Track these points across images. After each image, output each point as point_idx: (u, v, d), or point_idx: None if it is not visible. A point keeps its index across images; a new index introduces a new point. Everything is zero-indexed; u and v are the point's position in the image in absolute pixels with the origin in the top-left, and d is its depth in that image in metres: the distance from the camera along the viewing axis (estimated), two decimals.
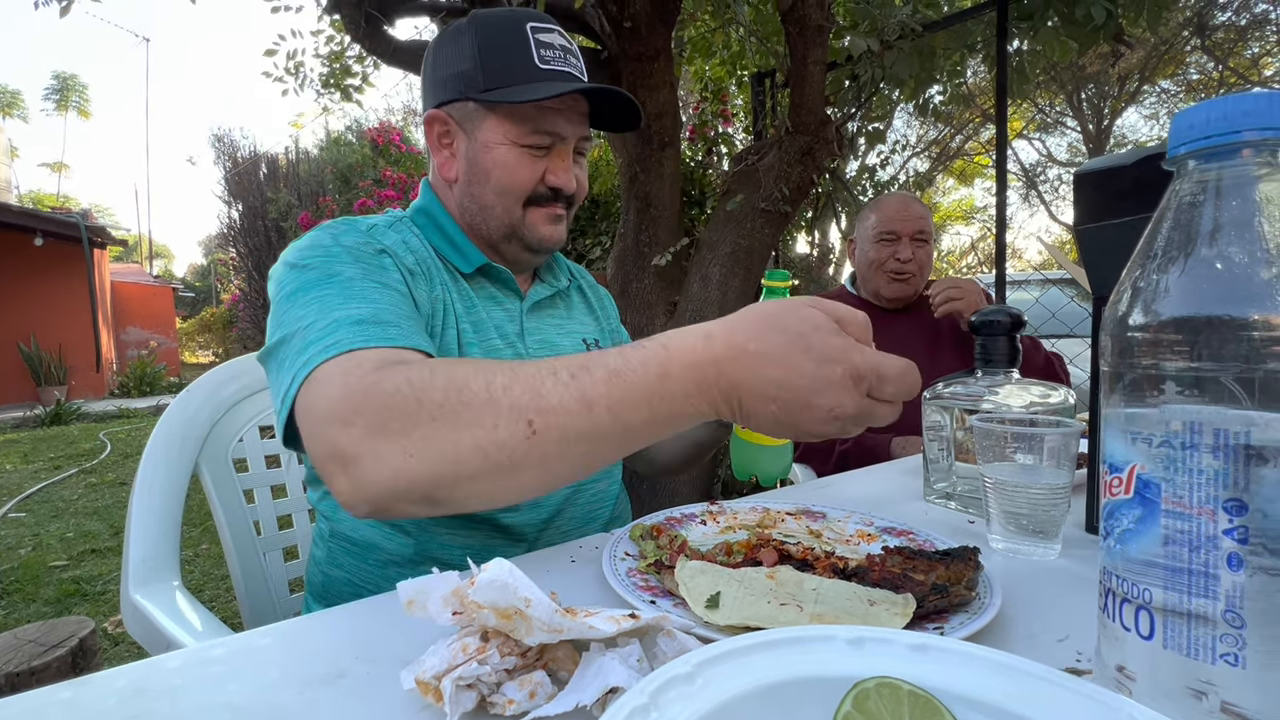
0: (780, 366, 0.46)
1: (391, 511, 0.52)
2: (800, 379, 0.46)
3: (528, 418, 0.49)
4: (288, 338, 0.61)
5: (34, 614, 2.35)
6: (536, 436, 0.49)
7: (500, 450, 0.49)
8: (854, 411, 0.46)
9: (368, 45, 2.87)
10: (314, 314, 0.61)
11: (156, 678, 0.42)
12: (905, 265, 1.51)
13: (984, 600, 0.47)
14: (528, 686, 0.35)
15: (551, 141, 0.77)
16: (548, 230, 0.81)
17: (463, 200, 0.81)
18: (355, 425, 0.51)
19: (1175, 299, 0.29)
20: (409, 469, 0.49)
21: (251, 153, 8.50)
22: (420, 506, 0.51)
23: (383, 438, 0.50)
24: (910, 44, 2.47)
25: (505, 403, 0.49)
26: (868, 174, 3.39)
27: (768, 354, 0.47)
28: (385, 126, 6.35)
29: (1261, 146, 0.29)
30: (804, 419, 0.47)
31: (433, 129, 0.80)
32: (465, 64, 0.75)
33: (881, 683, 0.30)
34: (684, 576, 0.49)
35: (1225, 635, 0.28)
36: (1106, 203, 0.62)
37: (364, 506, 0.52)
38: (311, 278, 0.65)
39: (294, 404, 0.57)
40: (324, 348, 0.57)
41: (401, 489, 0.50)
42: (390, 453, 0.50)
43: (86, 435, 5.93)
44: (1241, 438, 0.27)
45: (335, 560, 0.79)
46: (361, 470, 0.50)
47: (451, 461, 0.49)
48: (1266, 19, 7.17)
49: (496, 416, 0.49)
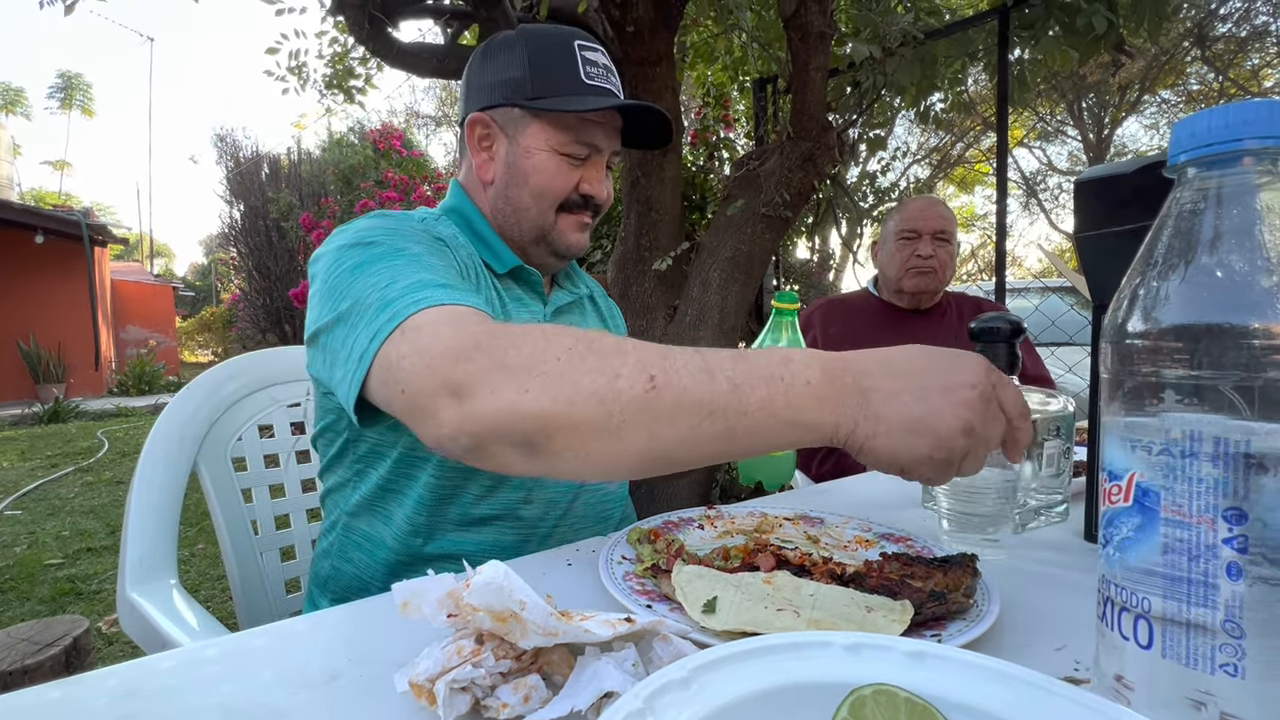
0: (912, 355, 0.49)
1: (487, 453, 0.51)
2: (936, 363, 0.48)
3: (650, 373, 0.48)
4: (360, 303, 0.60)
5: (28, 612, 2.34)
6: (655, 392, 0.47)
7: (616, 400, 0.47)
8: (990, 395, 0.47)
9: (371, 47, 2.88)
10: (388, 279, 0.61)
11: (149, 678, 0.42)
12: (925, 261, 1.52)
13: (982, 608, 0.47)
14: (522, 690, 0.35)
15: (588, 153, 0.80)
16: (575, 236, 0.84)
17: (496, 201, 0.82)
18: (474, 359, 0.50)
19: (1175, 307, 0.29)
20: (521, 404, 0.48)
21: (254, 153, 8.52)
22: (517, 453, 0.50)
23: (503, 371, 0.49)
24: (912, 51, 2.47)
25: (634, 356, 0.49)
26: (869, 180, 3.40)
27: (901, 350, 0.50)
28: (387, 129, 6.36)
29: (1262, 155, 0.29)
30: (944, 402, 0.45)
31: (474, 131, 0.81)
32: (515, 72, 0.78)
33: (878, 689, 0.29)
34: (681, 581, 0.49)
35: (1224, 645, 0.28)
36: (1107, 211, 0.63)
37: (465, 440, 0.50)
38: (378, 252, 0.65)
39: (375, 359, 0.56)
40: (412, 302, 0.57)
41: (506, 425, 0.49)
42: (507, 386, 0.49)
43: (84, 433, 5.92)
44: (1241, 446, 0.27)
45: (346, 554, 0.79)
46: (474, 400, 0.49)
47: (567, 403, 0.48)
48: (1267, 31, 7.20)
49: (621, 365, 0.48)
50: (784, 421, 0.47)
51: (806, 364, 0.48)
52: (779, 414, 0.47)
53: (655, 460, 0.50)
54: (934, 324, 1.58)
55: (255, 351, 1.01)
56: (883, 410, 0.46)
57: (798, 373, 0.48)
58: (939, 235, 1.53)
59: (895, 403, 0.46)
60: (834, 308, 1.66)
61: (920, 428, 0.45)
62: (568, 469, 0.51)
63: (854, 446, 0.48)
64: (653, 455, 0.49)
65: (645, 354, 0.49)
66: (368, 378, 0.57)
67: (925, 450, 0.46)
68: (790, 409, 0.47)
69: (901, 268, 1.55)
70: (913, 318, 1.59)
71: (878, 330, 1.58)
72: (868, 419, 0.47)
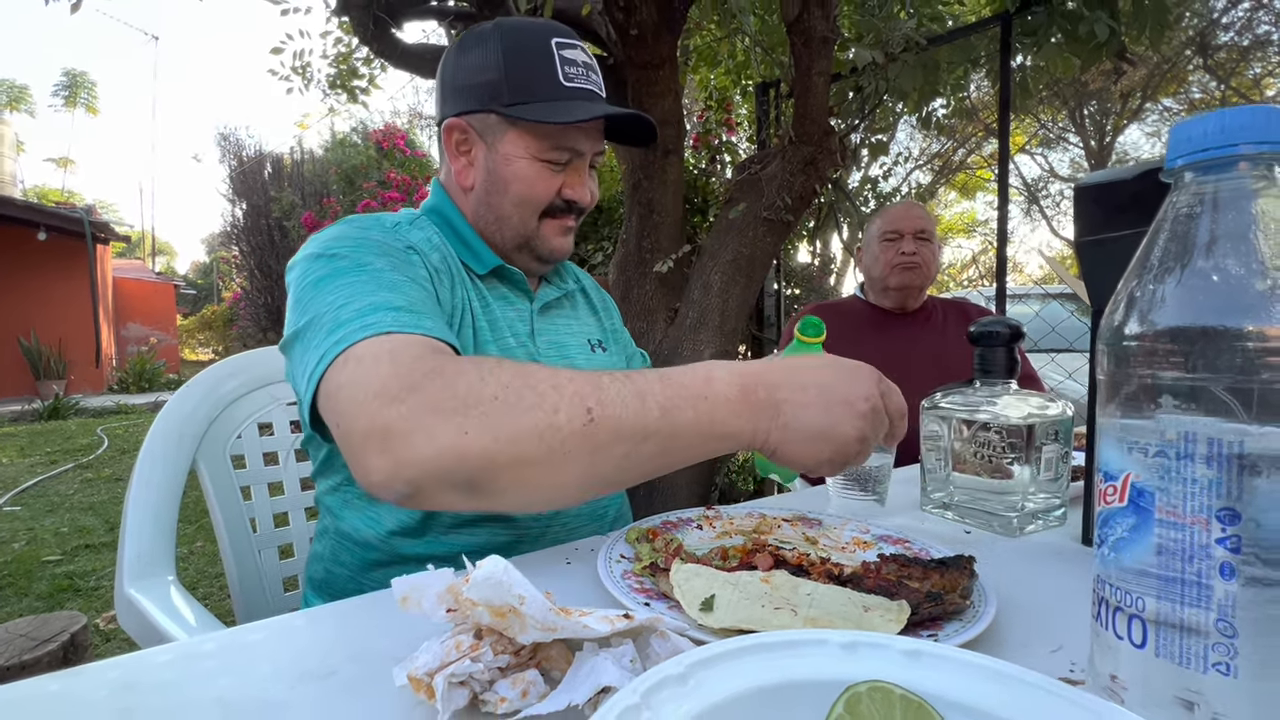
0: (818, 368, 0.55)
1: (426, 495, 0.50)
2: (837, 376, 0.54)
3: (587, 405, 0.50)
4: (316, 320, 0.60)
5: (26, 608, 2.34)
6: (594, 425, 0.50)
7: (556, 435, 0.49)
8: (879, 409, 0.54)
9: (376, 48, 2.89)
10: (345, 297, 0.60)
11: (147, 672, 0.42)
12: (911, 257, 1.57)
13: (978, 609, 0.47)
14: (520, 685, 0.35)
15: (570, 157, 0.79)
16: (559, 241, 0.83)
17: (478, 208, 0.81)
18: (406, 401, 0.50)
19: (1171, 309, 0.30)
20: (461, 445, 0.48)
21: (257, 152, 8.53)
22: (458, 493, 0.50)
23: (437, 414, 0.49)
24: (914, 57, 2.48)
25: (569, 390, 0.51)
26: (870, 185, 3.40)
27: (806, 362, 0.56)
28: (390, 129, 6.38)
29: (1258, 160, 0.30)
30: (842, 416, 0.52)
31: (451, 136, 0.80)
32: (490, 74, 0.75)
33: (874, 687, 0.30)
34: (679, 579, 0.49)
35: (1217, 645, 0.28)
36: (1106, 216, 0.63)
37: (400, 487, 0.50)
38: (341, 266, 0.65)
39: (320, 382, 0.56)
40: (361, 327, 0.57)
41: (447, 468, 0.49)
42: (444, 429, 0.49)
43: (84, 430, 5.92)
44: (1235, 447, 0.27)
45: (338, 558, 0.79)
46: (408, 446, 0.49)
47: (509, 441, 0.49)
48: (1269, 40, 7.22)
49: (559, 400, 0.50)
50: (710, 436, 0.53)
51: (728, 382, 0.53)
52: (705, 431, 0.52)
53: (594, 486, 0.53)
54: (920, 326, 1.62)
55: (255, 349, 1.01)
56: (792, 421, 0.53)
57: (720, 391, 0.52)
58: (920, 234, 1.58)
59: (803, 414, 0.53)
60: (823, 312, 1.68)
61: (822, 439, 0.53)
62: (510, 503, 0.53)
63: (767, 450, 0.54)
64: (592, 482, 0.53)
65: (580, 386, 0.51)
66: (315, 398, 0.57)
67: (827, 455, 0.53)
68: (714, 425, 0.52)
69: (887, 266, 1.60)
70: (899, 321, 1.64)
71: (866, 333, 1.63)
72: (779, 428, 0.53)
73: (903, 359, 1.52)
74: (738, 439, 0.53)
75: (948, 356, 1.54)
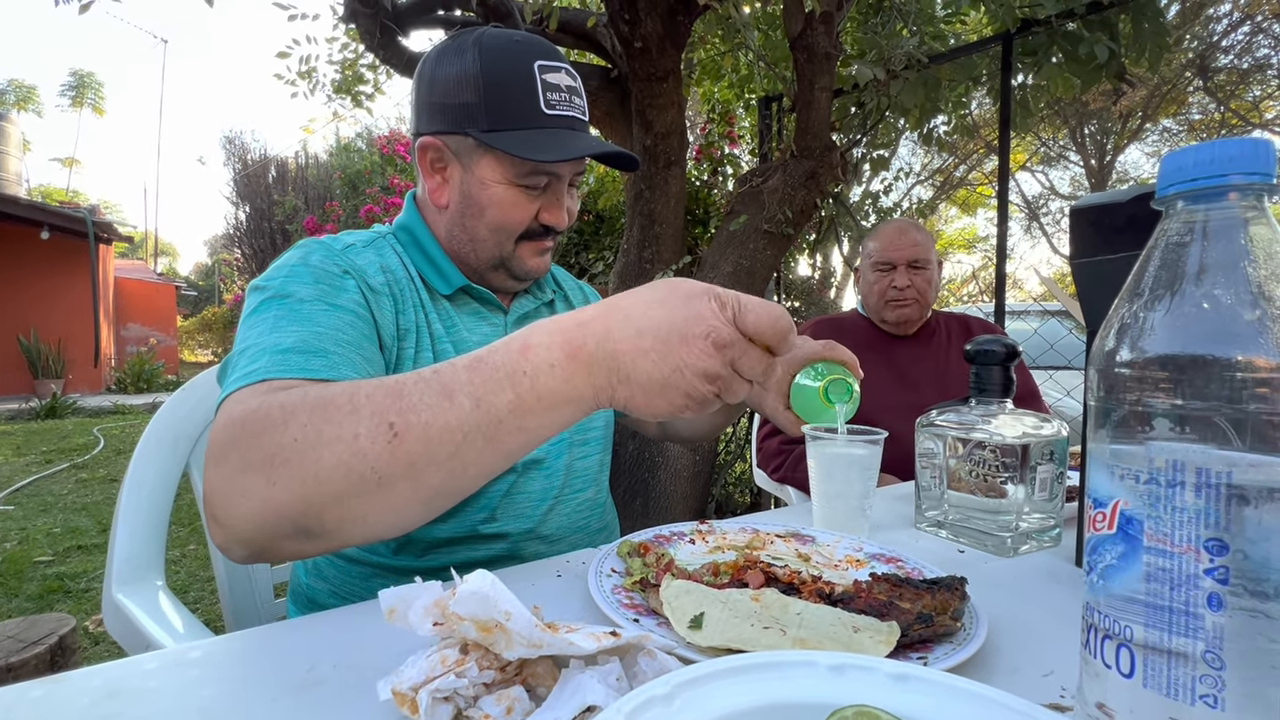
0: (648, 305, 0.47)
1: (270, 551, 0.49)
2: (671, 313, 0.46)
3: (389, 420, 0.46)
4: (234, 354, 0.61)
5: (15, 609, 2.32)
6: (398, 439, 0.46)
7: (363, 461, 0.46)
8: (728, 338, 0.46)
9: (382, 55, 2.91)
10: (251, 339, 0.61)
11: (131, 679, 0.42)
12: (903, 292, 1.53)
13: (969, 631, 0.47)
14: (505, 701, 0.35)
15: (548, 181, 0.77)
16: (535, 262, 0.81)
17: (452, 229, 0.79)
18: (228, 461, 0.48)
19: (1161, 336, 0.30)
20: (274, 498, 0.46)
21: (261, 155, 8.57)
22: (298, 541, 0.49)
23: (247, 471, 0.47)
24: (916, 74, 2.50)
25: (367, 410, 0.47)
26: (871, 200, 3.42)
27: (636, 299, 0.48)
28: (395, 135, 6.41)
29: (1248, 190, 0.30)
30: (684, 356, 0.45)
31: (426, 154, 0.77)
32: (467, 96, 0.72)
33: (859, 712, 0.29)
34: (669, 596, 0.49)
35: (1205, 676, 0.28)
36: (1102, 238, 0.63)
37: (239, 549, 0.49)
38: (265, 298, 0.65)
39: None
40: (248, 373, 0.56)
41: (270, 523, 0.47)
42: (255, 484, 0.47)
43: (80, 430, 5.91)
44: (1224, 477, 0.27)
45: (319, 571, 0.79)
46: (228, 508, 0.48)
47: (315, 482, 0.46)
48: (1268, 63, 7.28)
49: (357, 425, 0.46)
50: (544, 409, 0.47)
51: (548, 346, 0.47)
52: (534, 408, 0.47)
53: (437, 497, 0.49)
54: (922, 345, 1.59)
55: None
56: (632, 373, 0.46)
57: (540, 359, 0.46)
58: (913, 265, 1.53)
59: (643, 362, 0.46)
60: (825, 327, 1.67)
61: (670, 387, 0.46)
62: (356, 536, 0.50)
63: (618, 406, 0.48)
64: (428, 495, 0.48)
65: (379, 402, 0.47)
66: None
67: (680, 403, 0.47)
68: (543, 398, 0.47)
69: (880, 299, 1.56)
70: (898, 341, 1.60)
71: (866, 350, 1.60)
72: (622, 382, 0.47)
73: (907, 377, 1.51)
74: (580, 403, 0.47)
75: (950, 374, 1.53)
